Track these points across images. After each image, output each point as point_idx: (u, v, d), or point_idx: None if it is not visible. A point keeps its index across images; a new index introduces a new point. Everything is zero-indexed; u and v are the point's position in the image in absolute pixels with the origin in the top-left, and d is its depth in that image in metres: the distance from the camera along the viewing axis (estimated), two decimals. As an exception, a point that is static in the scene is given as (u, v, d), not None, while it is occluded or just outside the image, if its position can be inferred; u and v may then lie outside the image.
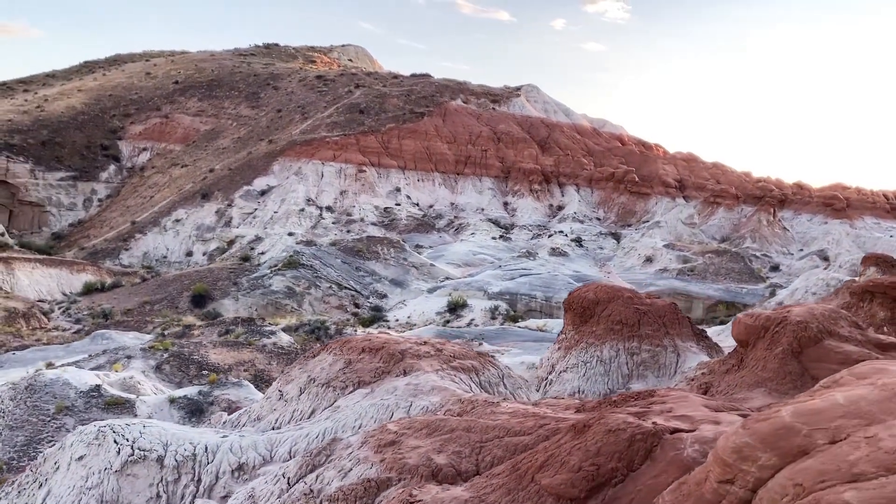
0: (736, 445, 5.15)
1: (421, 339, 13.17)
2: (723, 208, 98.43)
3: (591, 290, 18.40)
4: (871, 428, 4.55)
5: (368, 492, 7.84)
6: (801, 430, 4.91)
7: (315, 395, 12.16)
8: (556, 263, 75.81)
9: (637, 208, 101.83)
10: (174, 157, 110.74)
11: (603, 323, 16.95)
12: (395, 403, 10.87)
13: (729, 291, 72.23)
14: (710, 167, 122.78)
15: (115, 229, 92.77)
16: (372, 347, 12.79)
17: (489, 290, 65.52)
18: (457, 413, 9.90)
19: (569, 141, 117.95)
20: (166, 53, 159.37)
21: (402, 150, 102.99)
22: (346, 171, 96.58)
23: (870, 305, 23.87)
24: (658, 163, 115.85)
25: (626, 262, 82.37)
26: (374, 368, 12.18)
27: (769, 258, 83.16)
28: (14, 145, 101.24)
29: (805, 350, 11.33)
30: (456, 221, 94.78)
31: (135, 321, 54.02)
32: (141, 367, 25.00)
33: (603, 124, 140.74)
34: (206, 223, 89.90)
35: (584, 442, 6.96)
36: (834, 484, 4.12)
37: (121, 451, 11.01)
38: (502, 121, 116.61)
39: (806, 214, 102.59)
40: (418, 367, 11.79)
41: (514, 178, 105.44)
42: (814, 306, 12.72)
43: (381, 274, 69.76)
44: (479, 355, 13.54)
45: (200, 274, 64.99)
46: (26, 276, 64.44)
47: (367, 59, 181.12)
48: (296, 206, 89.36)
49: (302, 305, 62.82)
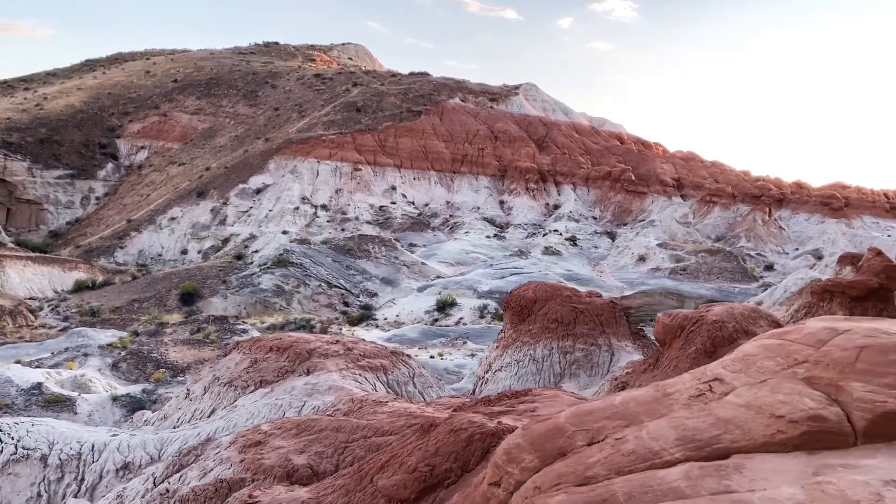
0: (507, 447, 5.08)
1: (333, 339, 13.15)
2: (718, 207, 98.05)
3: (531, 289, 18.32)
4: (627, 429, 4.47)
5: (220, 492, 7.79)
6: (567, 432, 4.83)
7: (217, 394, 12.16)
8: (549, 262, 75.69)
9: (633, 207, 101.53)
10: (172, 156, 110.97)
11: (539, 321, 16.86)
12: (289, 403, 10.84)
13: (721, 291, 71.93)
14: (709, 166, 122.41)
15: (112, 227, 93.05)
16: (280, 346, 12.76)
17: (479, 289, 65.44)
18: (344, 412, 9.86)
19: (566, 140, 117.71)
20: (168, 52, 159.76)
21: (399, 149, 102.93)
22: (341, 169, 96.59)
23: (829, 305, 23.78)
24: (656, 161, 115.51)
25: (620, 261, 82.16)
26: (279, 368, 12.15)
27: (763, 257, 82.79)
28: (12, 143, 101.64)
29: (718, 350, 11.22)
30: (451, 220, 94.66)
31: (121, 319, 54.16)
32: (98, 364, 25.06)
33: (602, 123, 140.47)
34: (201, 221, 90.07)
35: (425, 442, 6.90)
36: (567, 486, 4.05)
37: (4, 449, 10.98)
38: (500, 119, 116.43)
39: (804, 214, 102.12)
40: (322, 366, 11.75)
41: (511, 177, 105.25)
42: (734, 306, 12.60)
43: (371, 272, 69.75)
44: (393, 354, 13.49)
45: (190, 272, 65.12)
46: (17, 273, 64.68)
47: (367, 57, 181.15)
48: (290, 205, 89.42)
49: (291, 304, 62.86)
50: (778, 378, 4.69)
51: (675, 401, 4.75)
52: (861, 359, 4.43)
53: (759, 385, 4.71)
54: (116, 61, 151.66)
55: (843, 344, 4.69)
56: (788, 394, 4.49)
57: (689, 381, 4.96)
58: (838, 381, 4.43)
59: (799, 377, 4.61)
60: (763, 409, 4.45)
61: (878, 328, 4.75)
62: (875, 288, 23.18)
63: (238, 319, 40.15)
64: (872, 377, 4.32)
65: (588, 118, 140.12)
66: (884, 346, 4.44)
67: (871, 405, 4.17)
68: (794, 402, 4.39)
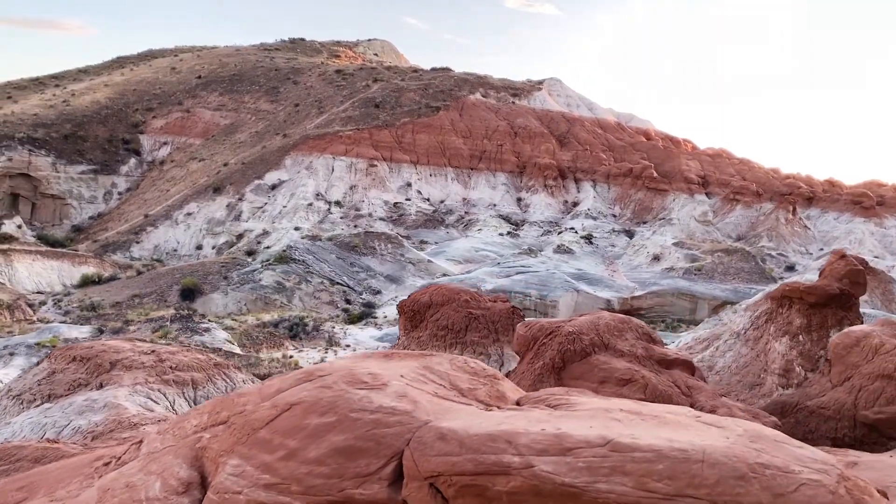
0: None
1: (149, 349, 12.32)
2: (741, 205, 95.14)
3: (428, 293, 17.28)
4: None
5: None
6: None
7: (3, 408, 11.42)
8: (559, 261, 74.16)
9: (654, 205, 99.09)
10: (193, 151, 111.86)
11: (430, 328, 15.83)
12: (54, 422, 10.06)
13: (736, 292, 69.62)
14: (737, 163, 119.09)
15: (129, 222, 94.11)
16: (85, 356, 12.01)
17: (482, 288, 64.21)
18: (95, 435, 9.04)
19: (589, 135, 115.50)
20: (196, 49, 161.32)
21: (416, 145, 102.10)
22: (356, 165, 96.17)
23: (788, 312, 22.37)
24: (681, 158, 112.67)
25: (635, 260, 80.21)
26: (73, 380, 11.39)
27: (785, 258, 79.99)
28: (37, 139, 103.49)
29: (568, 365, 10.10)
30: (466, 217, 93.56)
31: (119, 315, 54.34)
32: (23, 364, 24.78)
33: (630, 119, 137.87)
34: (216, 217, 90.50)
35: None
36: None
37: None
38: (521, 115, 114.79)
39: (833, 213, 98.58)
40: (118, 380, 10.97)
41: (529, 174, 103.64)
42: (604, 315, 11.43)
43: (376, 270, 69.11)
44: (215, 366, 12.63)
45: (193, 267, 65.26)
46: (26, 267, 65.53)
47: (392, 53, 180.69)
48: (304, 201, 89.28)
49: (292, 300, 62.55)
50: (182, 444, 3.70)
51: (95, 470, 3.79)
52: (275, 423, 3.40)
53: (161, 454, 3.72)
54: (146, 58, 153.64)
55: (272, 399, 3.66)
56: (158, 471, 3.49)
57: (120, 446, 3.99)
58: (225, 453, 3.42)
59: (198, 445, 3.62)
60: (135, 489, 3.46)
61: (368, 370, 3.69)
62: (835, 294, 21.72)
63: (203, 318, 39.76)
64: (261, 451, 3.30)
65: (615, 114, 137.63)
66: (315, 405, 3.39)
67: (221, 497, 3.13)
68: (148, 485, 3.40)
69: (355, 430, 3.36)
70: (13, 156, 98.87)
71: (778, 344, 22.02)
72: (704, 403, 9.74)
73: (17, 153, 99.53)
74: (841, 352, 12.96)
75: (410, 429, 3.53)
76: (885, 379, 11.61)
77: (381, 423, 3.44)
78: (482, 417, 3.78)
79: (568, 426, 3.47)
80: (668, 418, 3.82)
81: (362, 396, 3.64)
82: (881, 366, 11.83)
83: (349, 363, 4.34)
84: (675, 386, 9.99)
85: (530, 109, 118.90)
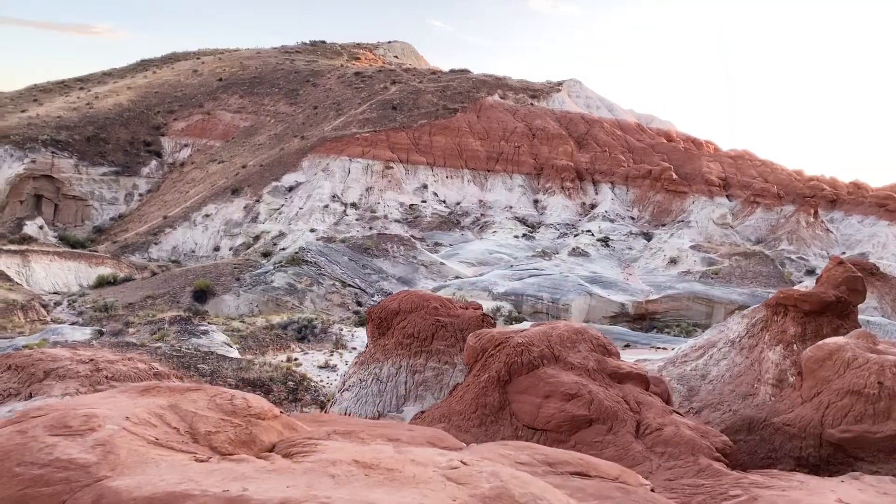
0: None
1: (87, 357, 12.17)
2: (761, 208, 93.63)
3: (397, 300, 16.96)
4: None
5: None
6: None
7: None
8: (573, 264, 73.51)
9: (673, 207, 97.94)
10: (213, 153, 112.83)
11: (396, 336, 15.50)
12: None
13: (754, 296, 68.38)
14: (759, 165, 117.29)
15: (149, 224, 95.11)
16: (20, 365, 11.90)
17: (494, 291, 63.95)
18: None
19: (608, 137, 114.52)
20: (218, 52, 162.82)
21: (433, 147, 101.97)
22: (373, 167, 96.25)
23: (783, 319, 21.81)
24: (702, 160, 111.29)
25: (652, 263, 79.26)
26: (3, 390, 11.27)
27: (805, 261, 78.52)
28: (60, 141, 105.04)
29: (515, 378, 9.78)
30: (482, 219, 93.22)
31: (131, 315, 54.77)
32: None
33: (650, 120, 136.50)
34: (234, 218, 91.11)
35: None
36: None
37: None
38: (539, 117, 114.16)
39: (857, 216, 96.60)
40: (49, 390, 10.86)
41: (547, 176, 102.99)
42: (558, 325, 11.08)
43: (388, 272, 69.03)
44: (155, 375, 12.46)
45: (206, 269, 65.69)
46: (43, 268, 66.39)
47: (412, 55, 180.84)
48: (320, 203, 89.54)
49: (303, 302, 62.69)
50: None
51: None
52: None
53: None
54: (169, 61, 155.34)
55: None
56: None
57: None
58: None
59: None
60: None
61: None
62: (832, 301, 21.12)
63: (203, 320, 39.89)
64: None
65: (636, 115, 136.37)
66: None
67: None
68: None
69: (10, 488, 3.13)
70: (37, 158, 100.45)
71: (772, 353, 21.43)
72: (651, 420, 9.36)
73: (40, 155, 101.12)
74: (812, 365, 12.44)
75: (73, 488, 3.29)
76: (855, 395, 11.08)
77: (40, 481, 3.20)
78: (178, 473, 3.52)
79: (259, 488, 3.19)
80: (405, 473, 3.55)
81: (46, 446, 3.38)
82: (852, 381, 11.29)
83: (76, 402, 4.11)
84: (624, 401, 9.59)
85: (549, 111, 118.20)
